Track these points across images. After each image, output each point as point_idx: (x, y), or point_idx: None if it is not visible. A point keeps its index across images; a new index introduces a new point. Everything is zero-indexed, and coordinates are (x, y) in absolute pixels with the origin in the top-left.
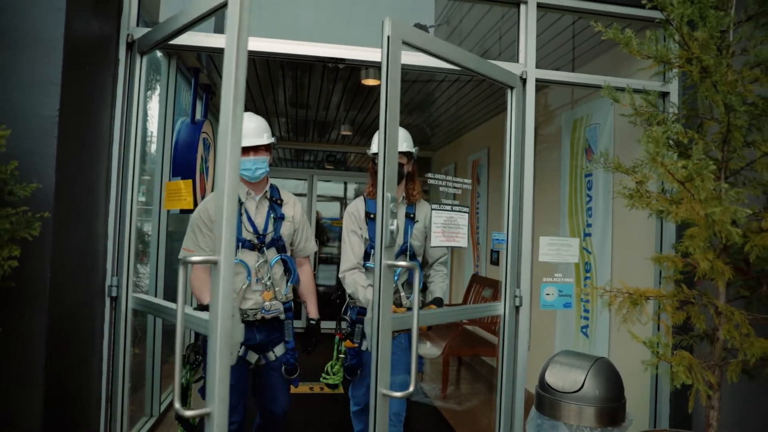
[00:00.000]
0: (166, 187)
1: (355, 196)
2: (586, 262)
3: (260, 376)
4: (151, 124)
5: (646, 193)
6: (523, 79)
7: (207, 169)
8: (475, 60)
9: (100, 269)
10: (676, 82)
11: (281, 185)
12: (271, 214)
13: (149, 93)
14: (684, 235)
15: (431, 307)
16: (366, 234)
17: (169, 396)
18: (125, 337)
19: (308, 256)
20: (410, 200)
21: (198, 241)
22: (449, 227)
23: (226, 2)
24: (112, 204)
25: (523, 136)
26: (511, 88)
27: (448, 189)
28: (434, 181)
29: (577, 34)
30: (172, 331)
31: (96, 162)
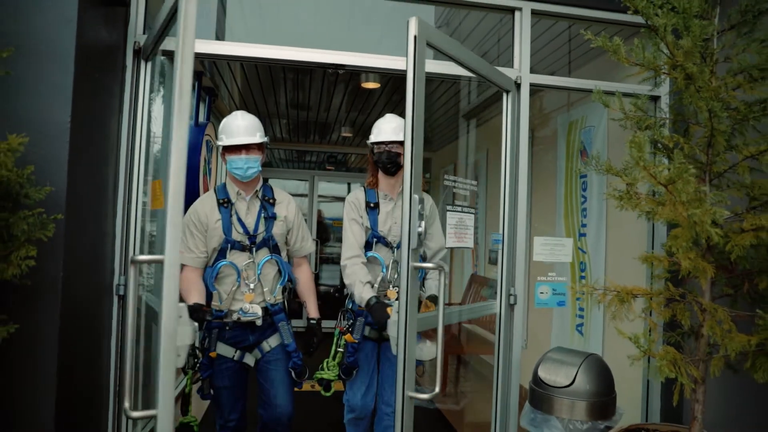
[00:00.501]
0: (151, 187)
1: None
2: (581, 262)
3: (259, 373)
4: (155, 126)
5: (635, 195)
6: (518, 84)
7: (210, 170)
8: (486, 66)
9: (108, 268)
10: (667, 86)
11: (283, 186)
12: (263, 214)
13: (154, 96)
14: (669, 236)
15: (430, 305)
16: (367, 223)
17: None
18: (131, 335)
19: (306, 256)
20: None
21: (188, 242)
22: (460, 228)
23: (176, 9)
24: (120, 205)
25: (518, 139)
26: (507, 92)
27: (460, 191)
28: (449, 183)
29: (573, 37)
30: None
31: (104, 165)
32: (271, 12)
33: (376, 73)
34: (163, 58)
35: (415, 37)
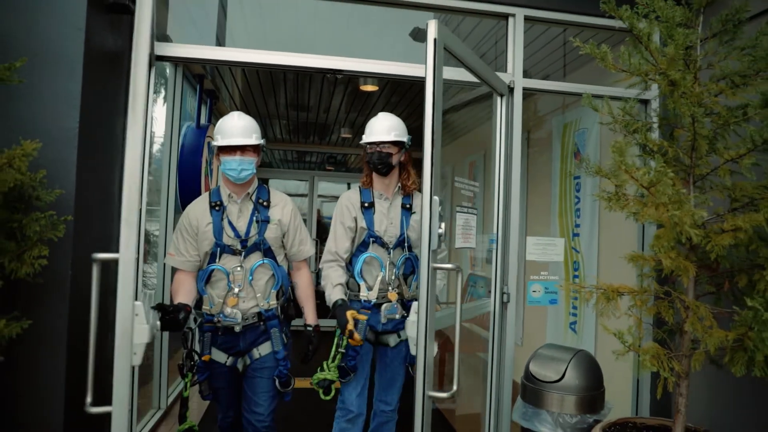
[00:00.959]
0: None
1: None
2: (575, 261)
3: (244, 379)
4: (156, 127)
5: (623, 197)
6: (511, 88)
7: (211, 172)
8: (489, 72)
9: (113, 268)
10: (656, 90)
11: (283, 186)
12: (255, 217)
13: (155, 98)
14: (653, 236)
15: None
16: (363, 224)
17: (176, 390)
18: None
19: (305, 260)
20: (405, 191)
21: (179, 246)
22: (466, 228)
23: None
24: (124, 206)
25: (511, 141)
26: (501, 96)
27: (466, 192)
28: (459, 185)
29: (568, 40)
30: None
31: (110, 167)
32: (271, 17)
33: (374, 77)
34: (166, 64)
35: (435, 40)
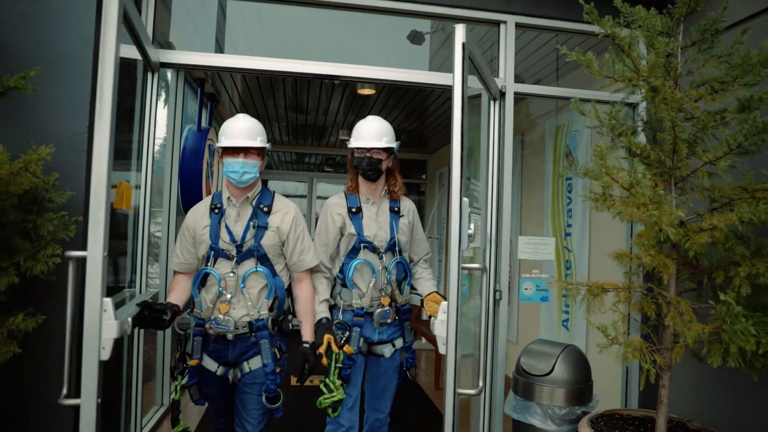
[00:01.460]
0: (118, 187)
1: None
2: (567, 260)
3: (236, 393)
4: (159, 130)
5: (609, 197)
6: (503, 93)
7: (212, 174)
8: (491, 78)
9: (121, 266)
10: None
11: (282, 187)
12: (252, 223)
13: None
14: (635, 235)
15: (438, 299)
16: (352, 229)
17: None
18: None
19: (307, 270)
20: (392, 196)
21: (176, 247)
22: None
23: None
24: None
25: (503, 144)
26: (494, 100)
27: (473, 193)
28: (473, 186)
29: (562, 44)
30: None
31: (118, 169)
32: (269, 22)
33: (371, 82)
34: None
35: (463, 45)
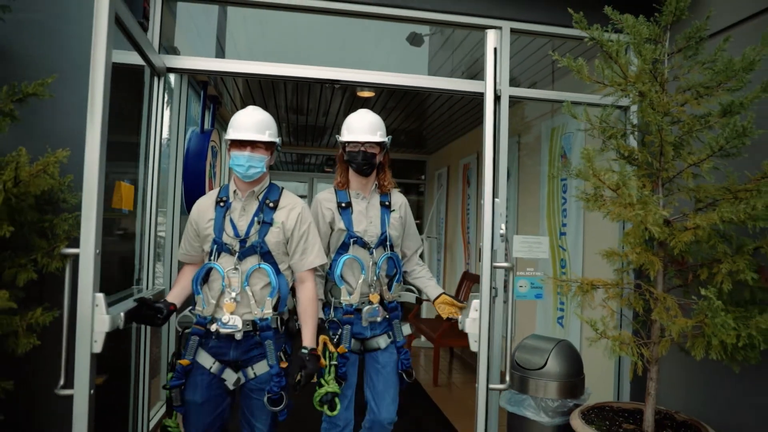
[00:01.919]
0: (116, 187)
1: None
2: (562, 259)
3: (241, 397)
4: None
5: (600, 197)
6: (498, 96)
7: (215, 174)
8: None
9: (129, 265)
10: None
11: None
12: (257, 218)
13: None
14: (623, 233)
15: (450, 300)
16: (342, 225)
17: None
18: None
19: (310, 270)
20: (383, 190)
21: (183, 240)
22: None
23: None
24: (139, 208)
25: (498, 146)
26: None
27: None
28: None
29: (556, 48)
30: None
31: (126, 171)
32: (270, 25)
33: (371, 87)
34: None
35: (495, 49)
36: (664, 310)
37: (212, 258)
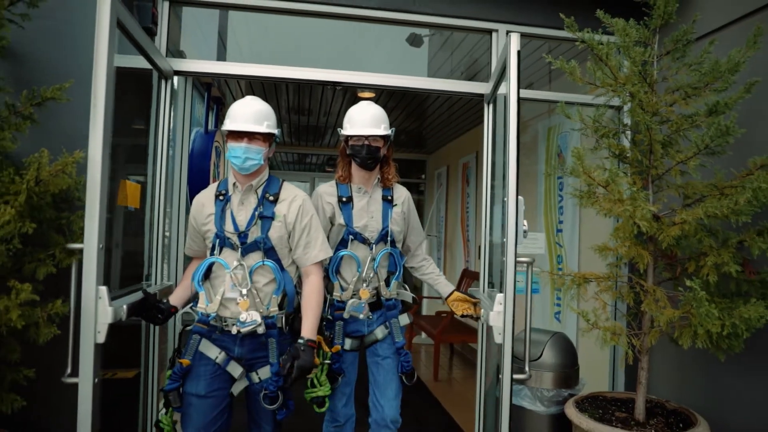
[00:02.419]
0: (121, 185)
1: None
2: (558, 255)
3: (246, 396)
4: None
5: (593, 194)
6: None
7: (218, 174)
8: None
9: (139, 259)
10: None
11: None
12: (257, 212)
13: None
14: (614, 228)
15: (469, 299)
16: (341, 220)
17: None
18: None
19: (315, 264)
20: (386, 184)
21: (188, 237)
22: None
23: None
24: (147, 206)
25: (494, 144)
26: (489, 103)
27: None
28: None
29: (552, 49)
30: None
31: (134, 171)
32: (271, 27)
33: (369, 87)
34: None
35: (518, 53)
36: (653, 302)
37: (215, 253)
